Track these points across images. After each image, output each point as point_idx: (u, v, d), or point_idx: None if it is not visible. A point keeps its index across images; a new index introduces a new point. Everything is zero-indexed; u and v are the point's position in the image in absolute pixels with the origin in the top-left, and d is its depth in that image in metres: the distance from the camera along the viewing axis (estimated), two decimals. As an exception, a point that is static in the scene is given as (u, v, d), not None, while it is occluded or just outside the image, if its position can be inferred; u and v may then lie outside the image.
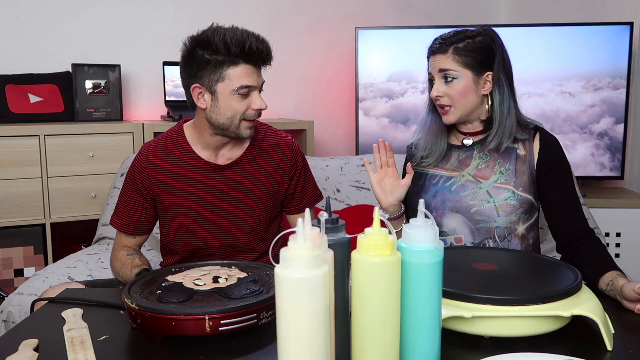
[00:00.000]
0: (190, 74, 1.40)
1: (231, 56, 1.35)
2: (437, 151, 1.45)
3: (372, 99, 2.84)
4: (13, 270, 2.31)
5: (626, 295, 1.09)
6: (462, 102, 1.38)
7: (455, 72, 1.36)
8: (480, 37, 1.37)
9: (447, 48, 1.36)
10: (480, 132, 1.44)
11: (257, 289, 1.05)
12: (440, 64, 1.37)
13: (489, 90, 1.39)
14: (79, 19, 2.64)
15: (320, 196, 1.64)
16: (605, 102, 2.68)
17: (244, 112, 1.39)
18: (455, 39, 1.37)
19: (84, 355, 0.91)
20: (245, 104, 1.39)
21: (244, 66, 1.36)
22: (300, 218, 0.71)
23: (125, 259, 1.43)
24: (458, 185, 1.42)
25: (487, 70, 1.37)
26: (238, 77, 1.36)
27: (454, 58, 1.36)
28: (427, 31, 2.77)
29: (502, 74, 1.38)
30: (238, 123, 1.40)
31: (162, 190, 1.48)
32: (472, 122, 1.43)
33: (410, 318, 0.80)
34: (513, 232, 1.38)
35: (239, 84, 1.36)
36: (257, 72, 1.40)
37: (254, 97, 1.40)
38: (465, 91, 1.37)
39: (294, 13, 3.04)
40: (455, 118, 1.40)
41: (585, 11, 2.92)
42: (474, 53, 1.36)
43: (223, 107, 1.39)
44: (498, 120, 1.38)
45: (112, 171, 2.35)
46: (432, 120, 1.46)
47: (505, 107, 1.38)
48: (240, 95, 1.38)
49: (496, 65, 1.37)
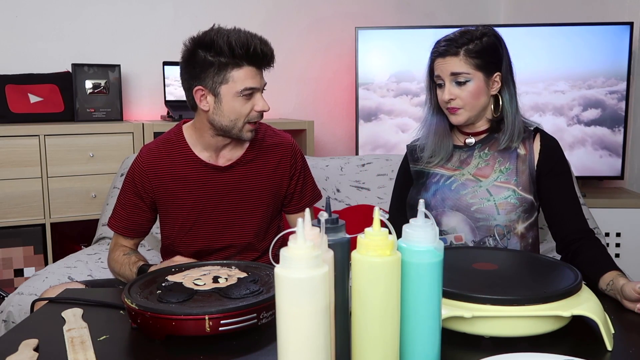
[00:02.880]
0: (193, 76, 1.38)
1: (235, 58, 1.34)
2: (443, 152, 1.44)
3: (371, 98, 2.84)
4: (13, 270, 2.31)
5: (627, 295, 1.09)
6: (473, 103, 1.37)
7: (468, 74, 1.35)
8: (486, 38, 1.37)
9: (457, 50, 1.35)
10: (484, 132, 1.44)
11: (257, 289, 1.05)
12: (451, 67, 1.36)
13: (497, 90, 1.39)
14: (79, 18, 2.64)
15: (319, 196, 1.64)
16: (606, 102, 2.68)
17: (247, 114, 1.39)
18: (465, 40, 1.35)
19: (84, 355, 0.91)
20: (248, 106, 1.39)
21: (248, 68, 1.36)
22: (300, 218, 0.71)
23: (122, 259, 1.44)
24: (458, 183, 1.42)
25: (496, 70, 1.38)
26: (242, 79, 1.36)
27: (467, 60, 1.35)
28: (427, 31, 2.78)
29: (509, 74, 1.39)
30: (241, 126, 1.40)
31: (163, 193, 1.47)
32: (478, 123, 1.44)
33: (410, 318, 0.80)
34: (512, 231, 1.38)
35: (242, 86, 1.36)
36: (260, 74, 1.40)
37: (257, 99, 1.39)
38: (477, 93, 1.37)
39: (294, 13, 3.04)
40: (465, 119, 1.40)
41: (585, 11, 2.92)
42: (483, 54, 1.35)
43: (226, 110, 1.38)
44: (510, 119, 1.39)
45: (112, 171, 2.35)
46: (437, 121, 1.45)
47: (514, 106, 1.39)
48: (244, 98, 1.37)
49: (504, 65, 1.38)
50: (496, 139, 1.43)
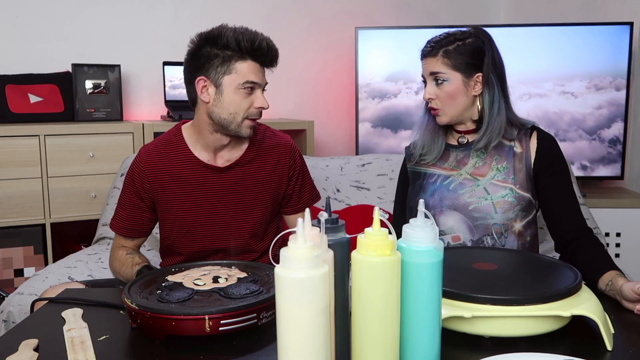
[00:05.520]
0: (196, 68, 1.41)
1: (241, 51, 1.37)
2: (435, 149, 1.46)
3: (368, 99, 2.84)
4: (13, 270, 2.31)
5: (626, 296, 1.09)
6: (451, 104, 1.40)
7: (444, 74, 1.38)
8: (471, 39, 1.39)
9: (437, 51, 1.39)
10: (474, 131, 1.45)
11: (257, 289, 1.05)
12: (430, 67, 1.40)
13: (479, 91, 1.41)
14: (79, 19, 2.64)
15: (318, 197, 1.64)
16: (605, 102, 2.68)
17: (246, 109, 1.40)
18: (445, 41, 1.39)
19: (84, 355, 0.91)
20: (248, 101, 1.40)
21: (252, 63, 1.39)
22: (300, 218, 0.71)
23: (125, 258, 1.44)
24: (456, 183, 1.43)
25: (476, 71, 1.39)
26: (245, 72, 1.38)
27: (443, 61, 1.38)
28: (427, 31, 2.75)
29: (492, 74, 1.40)
30: (240, 121, 1.41)
31: (162, 193, 1.47)
32: (465, 122, 1.45)
33: (410, 318, 0.80)
34: (510, 229, 1.39)
35: (245, 78, 1.38)
36: (262, 71, 1.42)
37: (257, 96, 1.41)
38: (454, 93, 1.39)
39: (294, 13, 3.04)
40: (447, 119, 1.43)
41: (585, 11, 2.92)
42: (463, 55, 1.38)
43: (226, 102, 1.39)
44: (487, 120, 1.40)
45: (112, 171, 2.35)
46: (428, 119, 1.48)
47: (495, 108, 1.40)
48: (245, 91, 1.39)
49: (485, 66, 1.39)
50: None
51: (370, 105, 2.85)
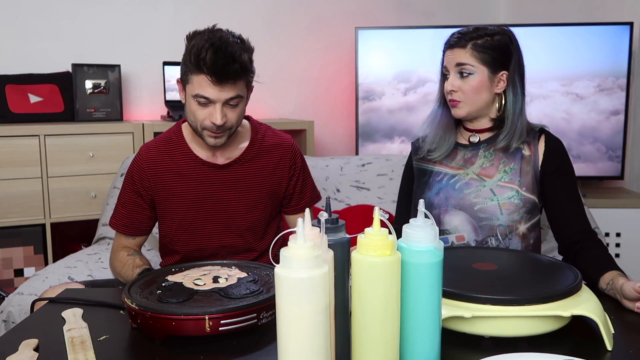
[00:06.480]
0: (180, 69, 1.42)
1: (197, 64, 1.32)
2: (445, 146, 1.45)
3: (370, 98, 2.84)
4: (13, 270, 2.31)
5: (626, 294, 1.09)
6: (474, 98, 1.38)
7: (472, 67, 1.37)
8: (499, 36, 1.39)
9: (466, 43, 1.37)
10: (488, 130, 1.44)
11: (257, 289, 1.05)
12: (457, 58, 1.38)
13: (502, 89, 1.40)
14: (79, 18, 2.64)
15: (318, 197, 1.64)
16: (605, 101, 2.68)
17: (202, 120, 1.38)
18: (475, 34, 1.38)
19: (84, 355, 0.91)
20: (204, 113, 1.37)
21: (204, 77, 1.33)
22: (300, 218, 0.71)
23: (126, 259, 1.43)
24: (462, 183, 1.43)
25: (502, 69, 1.38)
26: (196, 85, 1.35)
27: (472, 53, 1.37)
28: (427, 31, 2.78)
29: (516, 75, 1.39)
30: (200, 130, 1.40)
31: (161, 190, 1.48)
32: (481, 120, 1.44)
33: (410, 318, 0.80)
34: (514, 231, 1.39)
35: (195, 92, 1.35)
36: (220, 86, 1.33)
37: (210, 110, 1.36)
38: (479, 87, 1.38)
39: (294, 13, 3.04)
40: (465, 113, 1.41)
41: (585, 11, 2.92)
42: (491, 50, 1.37)
43: (188, 109, 1.41)
44: (510, 119, 1.39)
45: (112, 171, 2.35)
46: (442, 114, 1.47)
47: (517, 108, 1.39)
48: (199, 104, 1.37)
49: (512, 65, 1.39)
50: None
51: (370, 105, 2.85)
